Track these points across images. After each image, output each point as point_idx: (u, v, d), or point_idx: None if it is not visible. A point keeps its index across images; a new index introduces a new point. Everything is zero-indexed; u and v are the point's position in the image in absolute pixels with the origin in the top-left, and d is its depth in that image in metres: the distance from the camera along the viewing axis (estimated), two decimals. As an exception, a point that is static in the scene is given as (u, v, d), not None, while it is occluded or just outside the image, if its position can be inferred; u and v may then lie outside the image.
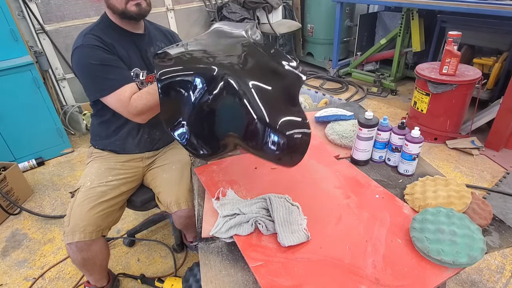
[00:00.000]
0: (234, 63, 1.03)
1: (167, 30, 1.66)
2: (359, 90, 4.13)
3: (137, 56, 1.47)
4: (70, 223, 1.34)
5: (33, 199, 2.59)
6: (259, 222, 1.07)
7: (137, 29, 1.47)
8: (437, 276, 0.90)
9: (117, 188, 1.48)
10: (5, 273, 1.96)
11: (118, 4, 1.32)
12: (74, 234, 1.32)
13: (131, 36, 1.46)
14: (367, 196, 1.21)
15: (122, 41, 1.43)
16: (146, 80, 1.47)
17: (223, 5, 4.11)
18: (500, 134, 2.71)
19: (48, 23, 3.24)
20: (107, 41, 1.37)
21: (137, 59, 1.46)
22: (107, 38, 1.37)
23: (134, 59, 1.45)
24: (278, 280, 0.91)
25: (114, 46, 1.38)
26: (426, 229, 0.98)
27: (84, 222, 1.33)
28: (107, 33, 1.39)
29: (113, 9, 1.35)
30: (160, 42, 1.55)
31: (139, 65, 1.47)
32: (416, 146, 1.25)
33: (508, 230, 1.06)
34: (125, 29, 1.44)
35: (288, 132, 0.95)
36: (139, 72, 1.46)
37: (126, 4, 1.32)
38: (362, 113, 1.44)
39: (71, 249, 1.34)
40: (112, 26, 1.42)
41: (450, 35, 2.64)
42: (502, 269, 1.78)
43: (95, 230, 1.35)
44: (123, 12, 1.34)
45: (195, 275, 1.56)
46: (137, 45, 1.47)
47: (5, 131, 2.74)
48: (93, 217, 1.35)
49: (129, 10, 1.33)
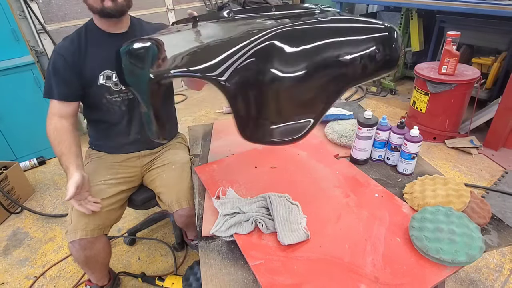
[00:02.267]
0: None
1: (159, 27, 1.59)
2: (358, 89, 4.14)
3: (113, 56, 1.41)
4: (73, 221, 1.35)
5: (34, 198, 2.60)
6: (259, 221, 1.08)
7: (118, 28, 1.46)
8: (436, 274, 0.91)
9: (115, 186, 1.49)
10: (6, 271, 1.97)
11: (95, 3, 1.32)
12: (76, 232, 1.32)
13: (110, 37, 1.44)
14: (367, 195, 1.21)
15: (98, 41, 1.43)
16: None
17: (223, 5, 4.11)
18: (498, 134, 2.72)
19: (49, 23, 3.25)
20: (72, 47, 1.39)
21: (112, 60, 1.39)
22: (76, 41, 1.40)
23: (106, 60, 1.42)
24: (278, 279, 0.91)
25: (82, 51, 1.40)
26: (425, 228, 0.99)
27: (85, 220, 1.34)
28: (83, 35, 1.42)
29: (92, 9, 1.35)
30: None
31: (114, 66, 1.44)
32: (415, 145, 1.26)
33: (506, 229, 1.07)
34: (104, 31, 1.43)
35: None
36: (110, 74, 1.44)
37: (102, 1, 1.31)
38: (361, 112, 1.45)
39: (74, 247, 1.35)
40: (92, 29, 1.43)
41: (449, 35, 2.65)
42: (501, 268, 1.79)
43: (97, 227, 1.36)
44: (101, 10, 1.33)
45: (196, 274, 1.57)
46: (115, 45, 1.38)
47: (6, 130, 2.75)
48: (94, 215, 1.36)
49: (105, 7, 1.32)
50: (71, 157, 1.36)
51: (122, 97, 1.48)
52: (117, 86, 1.46)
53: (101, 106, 1.48)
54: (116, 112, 1.51)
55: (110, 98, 1.47)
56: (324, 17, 0.99)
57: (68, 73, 1.39)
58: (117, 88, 1.46)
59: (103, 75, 1.44)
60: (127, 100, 1.49)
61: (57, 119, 1.41)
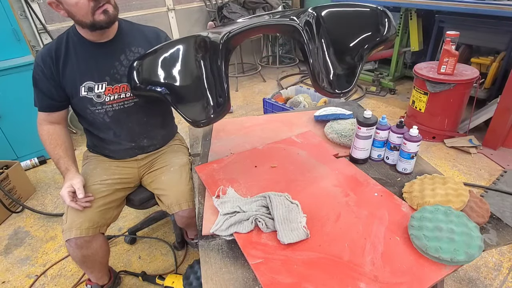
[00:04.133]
0: None
1: (151, 31, 1.52)
2: (358, 89, 4.15)
3: (94, 66, 1.38)
4: (67, 220, 1.35)
5: (35, 197, 2.61)
6: (259, 220, 1.09)
7: (105, 37, 1.38)
8: (435, 273, 0.91)
9: (112, 186, 1.49)
10: (7, 270, 1.98)
11: (84, 18, 1.24)
12: (71, 231, 1.33)
13: (92, 46, 1.37)
14: (366, 194, 1.22)
15: (78, 52, 1.36)
16: (106, 92, 1.40)
17: (223, 5, 4.12)
18: (497, 133, 2.72)
19: (50, 23, 3.26)
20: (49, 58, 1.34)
21: (93, 71, 1.38)
22: (54, 51, 1.34)
23: (87, 71, 1.37)
24: (277, 278, 0.92)
25: (60, 62, 1.35)
26: (424, 227, 0.99)
27: (80, 219, 1.34)
28: (63, 45, 1.35)
29: (81, 24, 1.27)
30: (136, 47, 1.44)
31: (96, 76, 1.39)
32: (414, 144, 1.27)
33: (505, 228, 1.07)
34: (86, 39, 1.36)
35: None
36: (92, 86, 1.38)
37: (93, 15, 1.23)
38: (361, 112, 1.46)
39: (70, 246, 1.35)
40: (73, 37, 1.36)
41: (448, 34, 2.65)
42: (500, 267, 1.80)
43: (92, 226, 1.36)
44: (92, 24, 1.26)
45: (196, 272, 1.58)
46: (98, 55, 1.38)
47: (7, 130, 2.76)
48: (89, 213, 1.36)
49: (98, 21, 1.25)
50: (69, 160, 1.40)
51: (105, 109, 1.43)
52: (100, 98, 1.40)
53: (87, 117, 1.45)
54: (102, 123, 1.47)
55: (94, 109, 1.42)
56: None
57: (46, 85, 1.36)
58: (100, 100, 1.40)
59: (84, 87, 1.38)
60: (112, 112, 1.44)
61: (48, 124, 1.43)
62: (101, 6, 1.23)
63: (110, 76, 1.40)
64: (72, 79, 1.37)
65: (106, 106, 1.42)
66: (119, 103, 1.44)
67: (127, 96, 1.44)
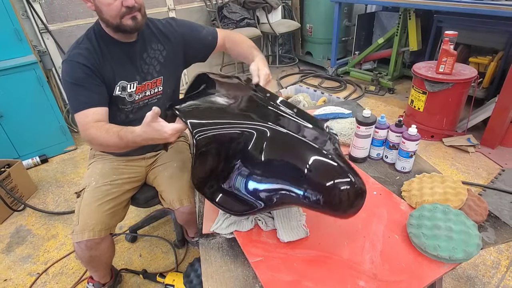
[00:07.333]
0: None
1: (164, 24, 1.50)
2: (357, 88, 4.15)
3: (127, 66, 1.39)
4: (80, 222, 1.34)
5: (37, 195, 2.62)
6: (259, 218, 1.10)
7: (129, 38, 1.38)
8: (434, 271, 0.92)
9: (121, 186, 1.49)
10: (9, 268, 1.99)
11: (112, 19, 1.24)
12: (83, 233, 1.32)
13: (122, 46, 1.37)
14: (365, 193, 1.23)
15: (112, 52, 1.35)
16: (136, 91, 1.42)
17: (223, 5, 4.13)
18: (495, 132, 2.73)
19: (51, 23, 3.26)
20: (91, 57, 1.30)
21: (126, 70, 1.39)
22: (93, 51, 1.31)
23: (121, 71, 1.37)
24: (277, 275, 0.93)
25: (100, 61, 1.32)
26: (423, 225, 1.00)
27: (93, 221, 1.34)
28: (96, 45, 1.33)
29: (107, 23, 1.27)
30: (156, 44, 1.45)
31: (129, 76, 1.39)
32: (413, 143, 1.27)
33: (503, 226, 1.08)
34: (116, 39, 1.35)
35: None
36: (125, 85, 1.38)
37: (121, 18, 1.24)
38: (360, 111, 1.46)
39: (80, 247, 1.35)
40: (102, 37, 1.34)
41: (447, 34, 2.66)
42: (498, 265, 1.81)
43: (104, 228, 1.36)
44: (117, 26, 1.26)
45: (196, 271, 1.58)
46: (128, 54, 1.39)
47: (9, 129, 2.77)
48: (101, 215, 1.36)
49: (124, 24, 1.25)
50: (127, 128, 1.21)
51: (133, 107, 1.44)
52: (131, 97, 1.41)
53: (109, 114, 1.40)
54: (123, 121, 1.44)
55: (123, 108, 1.42)
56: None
57: (93, 82, 1.30)
58: (131, 99, 1.41)
59: (119, 86, 1.37)
60: (137, 109, 1.45)
61: (95, 123, 1.28)
62: (132, 13, 1.25)
63: (139, 75, 1.41)
64: (108, 78, 1.35)
65: (134, 104, 1.43)
66: (144, 100, 1.45)
67: (152, 93, 1.46)
